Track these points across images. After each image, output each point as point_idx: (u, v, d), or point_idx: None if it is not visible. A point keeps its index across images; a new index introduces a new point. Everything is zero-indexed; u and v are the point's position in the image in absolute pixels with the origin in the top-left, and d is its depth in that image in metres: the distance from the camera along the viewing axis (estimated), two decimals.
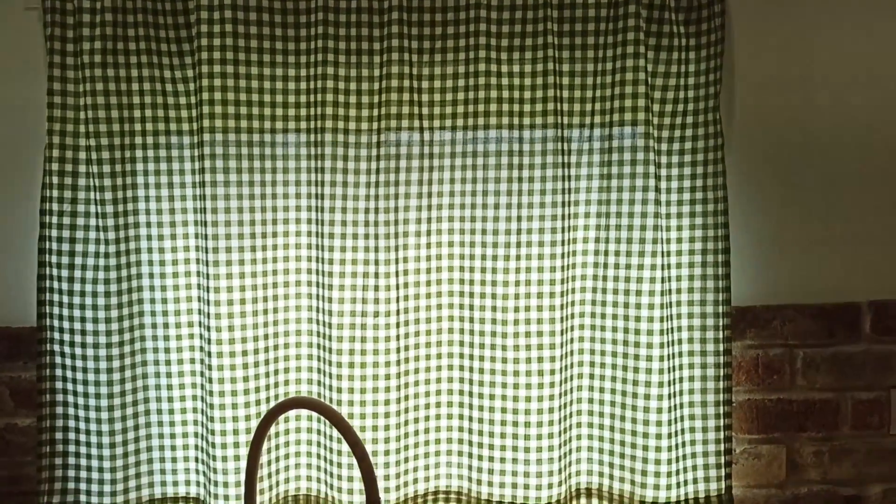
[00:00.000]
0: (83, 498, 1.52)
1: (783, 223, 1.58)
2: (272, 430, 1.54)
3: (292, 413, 1.56)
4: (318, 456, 1.56)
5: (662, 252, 1.51)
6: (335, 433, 1.50)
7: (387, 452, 1.52)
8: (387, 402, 1.51)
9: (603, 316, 1.55)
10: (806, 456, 1.60)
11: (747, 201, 1.57)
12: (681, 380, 1.54)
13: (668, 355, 1.52)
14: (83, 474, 1.51)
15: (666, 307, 1.51)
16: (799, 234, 1.58)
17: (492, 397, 1.53)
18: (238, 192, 1.47)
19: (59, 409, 1.50)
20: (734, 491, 1.60)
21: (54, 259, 1.46)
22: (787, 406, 1.59)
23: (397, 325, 1.51)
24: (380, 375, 1.51)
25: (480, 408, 1.54)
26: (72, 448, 1.51)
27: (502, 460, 1.53)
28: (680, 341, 1.53)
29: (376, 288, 1.50)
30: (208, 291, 1.47)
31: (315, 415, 1.53)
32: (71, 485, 1.52)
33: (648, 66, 1.50)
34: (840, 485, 1.60)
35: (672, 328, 1.52)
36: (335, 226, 1.49)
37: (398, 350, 1.52)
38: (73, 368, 1.49)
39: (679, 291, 1.53)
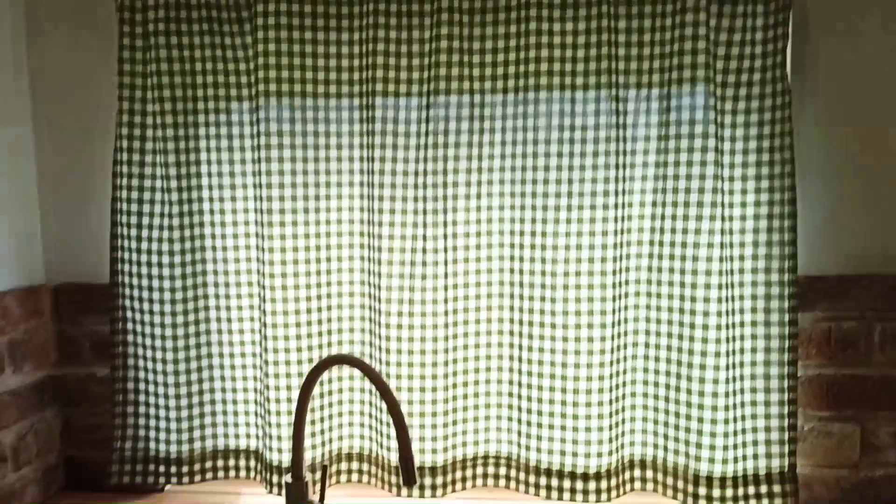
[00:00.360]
0: (152, 445, 1.61)
1: (860, 186, 1.47)
2: (325, 388, 1.57)
3: (346, 373, 1.59)
4: (370, 416, 1.59)
5: (723, 216, 1.43)
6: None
7: (434, 414, 1.53)
8: (434, 365, 1.52)
9: (659, 283, 1.49)
10: (883, 436, 1.48)
11: (822, 161, 1.47)
12: (742, 351, 1.46)
13: (728, 325, 1.44)
14: (152, 423, 1.61)
15: (725, 274, 1.44)
16: (877, 198, 1.46)
17: (541, 363, 1.50)
18: (292, 154, 1.51)
19: (131, 362, 1.60)
20: (801, 470, 1.51)
21: (124, 219, 1.55)
22: (862, 382, 1.48)
23: (445, 289, 1.51)
24: (427, 338, 1.51)
25: (529, 373, 1.52)
26: (142, 398, 1.61)
27: (550, 427, 1.51)
28: (742, 311, 1.46)
29: (424, 251, 1.50)
30: (263, 252, 1.52)
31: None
32: (142, 432, 1.61)
33: (711, 21, 1.42)
34: None
35: (733, 297, 1.45)
36: (385, 188, 1.50)
37: (446, 313, 1.52)
38: (142, 323, 1.58)
39: (742, 259, 1.45)
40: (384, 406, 1.54)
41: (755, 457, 1.47)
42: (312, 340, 1.55)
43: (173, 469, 1.61)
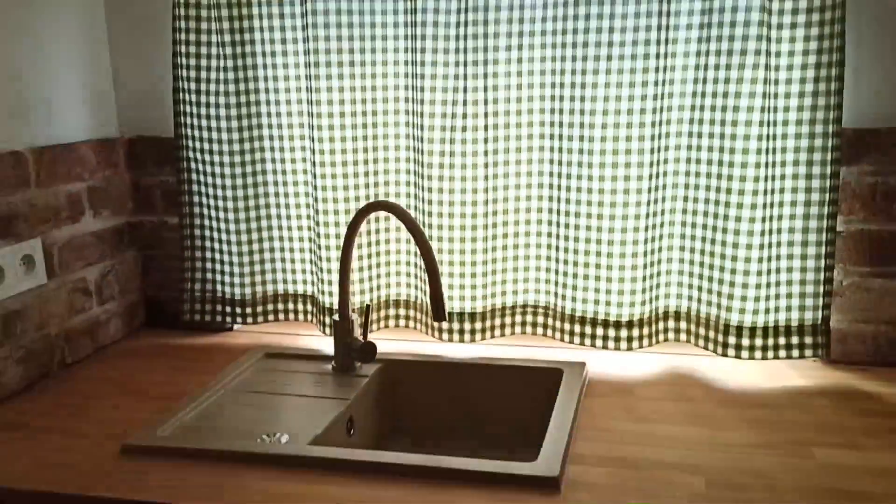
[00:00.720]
0: (219, 287, 1.75)
1: None
2: (372, 238, 1.66)
3: (392, 224, 1.67)
4: (414, 265, 1.67)
5: (767, 65, 1.40)
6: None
7: (473, 264, 1.59)
8: (474, 216, 1.57)
9: (700, 135, 1.48)
10: None
11: (876, 8, 1.40)
12: (781, 204, 1.45)
13: (767, 177, 1.43)
14: (218, 267, 1.74)
15: (767, 126, 1.41)
16: None
17: (577, 215, 1.54)
18: (338, 7, 1.55)
19: (196, 210, 1.72)
20: (838, 325, 1.51)
21: (184, 73, 1.64)
22: None
23: (485, 142, 1.55)
24: (468, 190, 1.56)
25: (567, 225, 1.55)
26: (208, 244, 1.74)
27: (586, 277, 1.55)
28: (784, 163, 1.43)
29: (465, 103, 1.53)
30: (313, 105, 1.59)
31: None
32: (209, 276, 1.75)
33: None
34: None
35: (774, 149, 1.43)
36: (427, 40, 1.52)
37: (486, 166, 1.56)
38: (205, 174, 1.69)
39: (787, 110, 1.41)
40: None
41: (788, 309, 1.47)
42: (359, 192, 1.63)
43: (238, 310, 1.75)
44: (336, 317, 1.52)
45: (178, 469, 1.19)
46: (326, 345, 1.69)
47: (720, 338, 1.50)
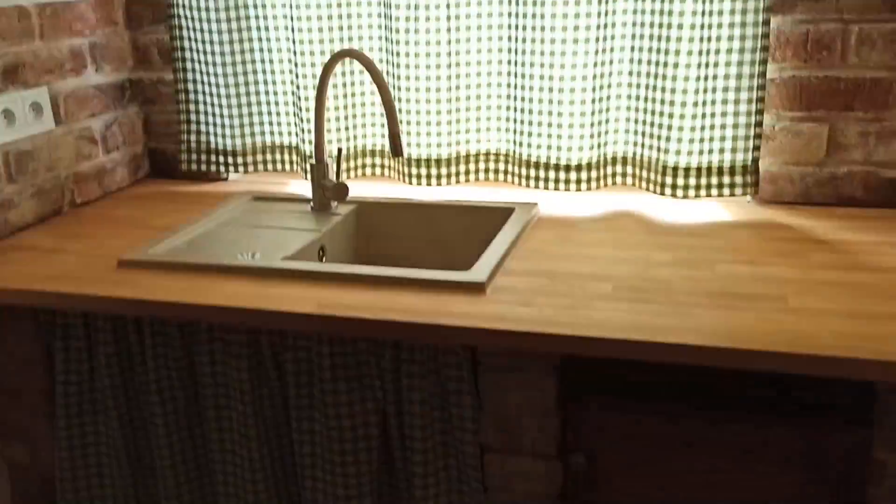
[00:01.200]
0: (212, 139, 1.92)
1: None
2: (348, 91, 1.80)
3: (367, 78, 1.81)
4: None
5: None
6: (395, 98, 1.74)
7: (439, 112, 1.73)
8: (438, 67, 1.70)
9: None
10: (850, 136, 1.57)
11: None
12: (717, 51, 1.55)
13: (704, 24, 1.53)
14: (210, 119, 1.90)
15: None
16: None
17: (532, 65, 1.65)
18: None
19: (189, 65, 1.87)
20: (769, 167, 1.63)
21: None
22: (834, 84, 1.55)
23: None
24: (431, 42, 1.68)
25: (523, 76, 1.67)
26: (201, 98, 1.89)
27: (539, 124, 1.68)
28: (720, 12, 1.53)
29: None
30: None
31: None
32: (203, 128, 1.92)
33: None
34: (884, 167, 1.57)
35: None
36: None
37: (448, 18, 1.67)
38: (194, 30, 1.83)
39: None
40: (398, 106, 1.76)
41: (721, 151, 1.60)
42: (334, 45, 1.76)
43: (231, 160, 1.92)
44: (313, 160, 1.68)
45: (164, 277, 1.39)
46: (309, 191, 1.86)
47: (659, 178, 1.64)
